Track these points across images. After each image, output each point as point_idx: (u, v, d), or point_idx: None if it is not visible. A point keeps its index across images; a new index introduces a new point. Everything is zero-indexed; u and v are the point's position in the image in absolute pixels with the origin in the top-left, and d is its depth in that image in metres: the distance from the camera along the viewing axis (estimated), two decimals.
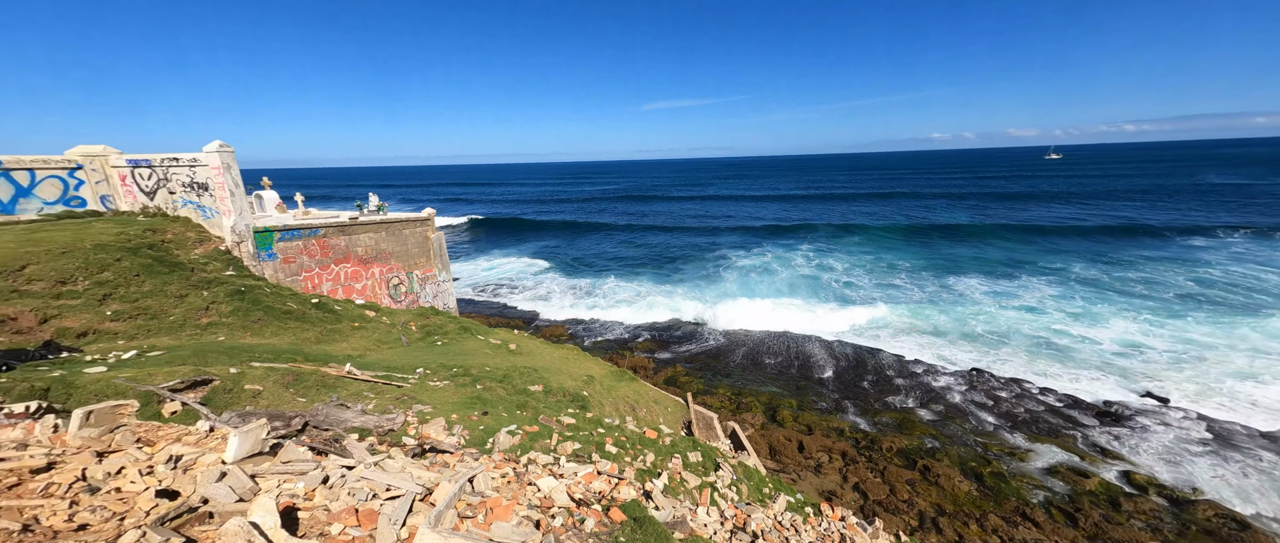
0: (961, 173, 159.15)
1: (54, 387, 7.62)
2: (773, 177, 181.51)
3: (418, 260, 21.97)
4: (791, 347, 25.99)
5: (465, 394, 11.49)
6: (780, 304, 32.22)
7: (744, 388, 21.74)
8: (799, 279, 38.83)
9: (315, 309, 15.40)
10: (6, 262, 11.31)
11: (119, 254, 13.24)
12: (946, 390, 20.91)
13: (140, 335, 11.80)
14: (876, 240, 52.47)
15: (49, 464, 3.65)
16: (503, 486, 6.35)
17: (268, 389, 9.87)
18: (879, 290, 34.95)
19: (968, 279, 36.16)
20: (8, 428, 4.68)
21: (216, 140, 16.10)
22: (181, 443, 4.34)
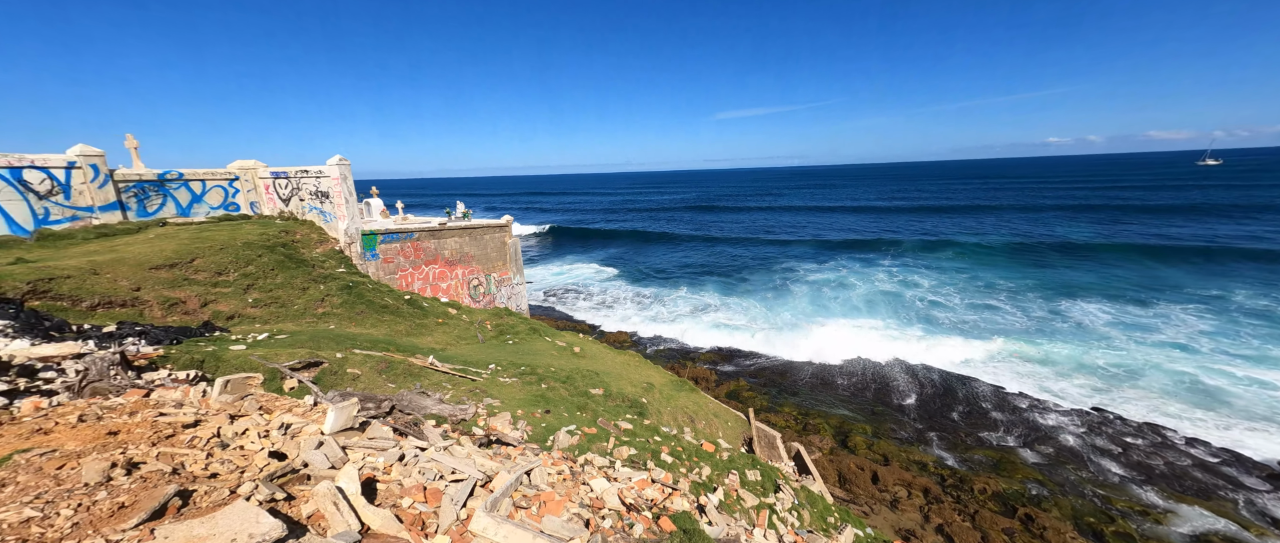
0: (1084, 182, 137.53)
1: (207, 359, 9.20)
2: (852, 186, 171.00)
3: (495, 264, 23.58)
4: (867, 368, 24.10)
5: (531, 392, 12.07)
6: (856, 322, 30.21)
7: (812, 409, 20.52)
8: (878, 296, 35.99)
9: (407, 305, 17.10)
10: (182, 255, 13.93)
11: (260, 251, 15.73)
12: (1057, 430, 18.14)
13: (272, 320, 13.88)
14: (972, 256, 47.13)
15: (196, 421, 4.44)
16: (558, 482, 6.57)
17: (365, 374, 11.10)
18: (973, 312, 31.31)
19: (1087, 305, 31.17)
20: (172, 390, 5.75)
21: (337, 155, 18.62)
22: (292, 413, 5.05)
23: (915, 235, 60.86)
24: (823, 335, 28.12)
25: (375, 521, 3.50)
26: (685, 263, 51.49)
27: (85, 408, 4.52)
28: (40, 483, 2.90)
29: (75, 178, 14.87)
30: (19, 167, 13.79)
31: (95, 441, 3.67)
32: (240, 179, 19.14)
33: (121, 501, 2.82)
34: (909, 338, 27.18)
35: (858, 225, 72.54)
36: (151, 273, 12.76)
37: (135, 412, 4.52)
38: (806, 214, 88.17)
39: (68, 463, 3.21)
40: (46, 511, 2.60)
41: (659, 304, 36.50)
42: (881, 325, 29.67)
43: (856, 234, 64.13)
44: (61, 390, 6.06)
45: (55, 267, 11.52)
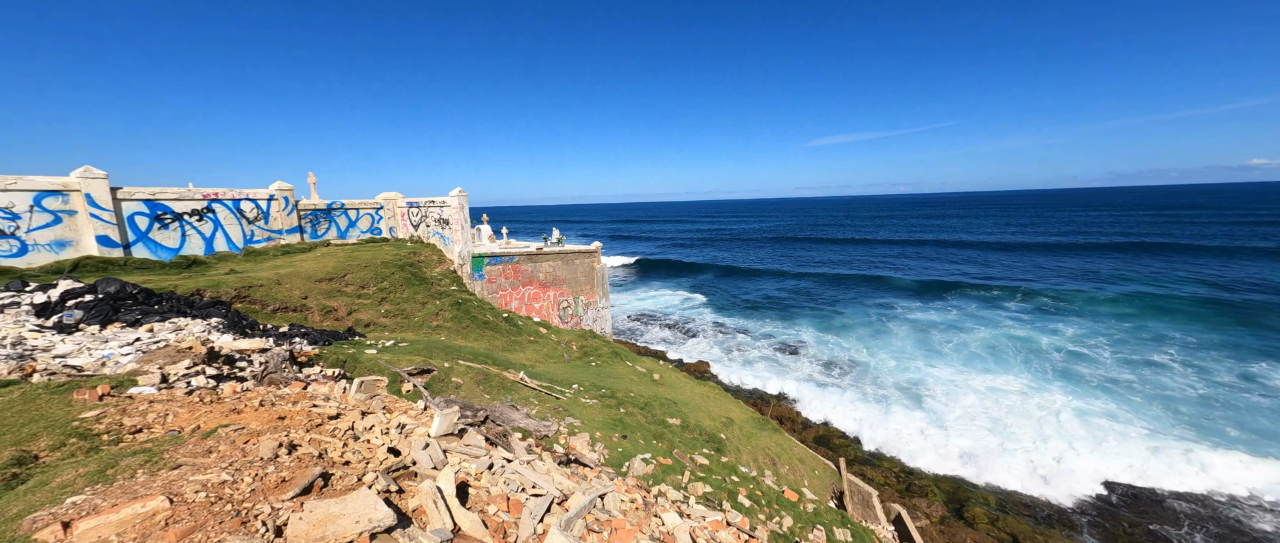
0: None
1: (348, 360, 10.92)
2: (970, 216, 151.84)
3: (584, 287, 24.86)
4: (989, 422, 20.74)
5: (609, 415, 12.37)
6: (969, 370, 26.38)
7: (917, 467, 18.13)
8: (1002, 342, 31.05)
9: (505, 322, 18.70)
10: (337, 271, 16.84)
11: (393, 269, 18.43)
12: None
13: (398, 329, 16.07)
14: (1131, 302, 38.71)
15: (337, 414, 5.33)
16: (630, 510, 6.63)
17: (465, 384, 12.28)
18: (1131, 370, 25.56)
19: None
20: (322, 385, 6.97)
21: (457, 187, 21.36)
22: (407, 415, 5.81)
23: (1054, 271, 51.89)
24: (932, 382, 24.97)
25: (465, 522, 3.88)
26: (773, 294, 49.43)
27: (264, 394, 5.69)
28: (232, 453, 3.72)
29: (273, 207, 18.88)
30: (238, 198, 17.92)
31: (269, 422, 4.61)
32: (384, 208, 22.79)
33: (283, 475, 3.51)
34: (1041, 394, 23.05)
35: (978, 259, 63.93)
36: (315, 285, 15.60)
37: (297, 401, 5.57)
38: (914, 247, 79.80)
39: (251, 439, 4.08)
40: (235, 476, 3.33)
41: (743, 335, 35.33)
42: (1004, 376, 25.55)
43: (976, 270, 56.54)
44: (249, 378, 7.65)
45: (253, 277, 14.64)
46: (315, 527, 2.97)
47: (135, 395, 5.19)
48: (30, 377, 6.04)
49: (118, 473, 3.26)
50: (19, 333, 8.05)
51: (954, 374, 26.09)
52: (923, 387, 24.69)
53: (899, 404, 22.98)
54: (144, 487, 3.12)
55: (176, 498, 2.99)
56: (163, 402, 4.97)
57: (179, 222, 16.41)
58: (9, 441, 3.80)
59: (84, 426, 4.19)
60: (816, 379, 26.57)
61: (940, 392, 23.98)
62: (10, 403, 4.48)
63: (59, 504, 2.85)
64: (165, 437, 4.11)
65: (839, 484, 13.30)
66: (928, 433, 20.29)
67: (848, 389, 25.00)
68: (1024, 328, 33.44)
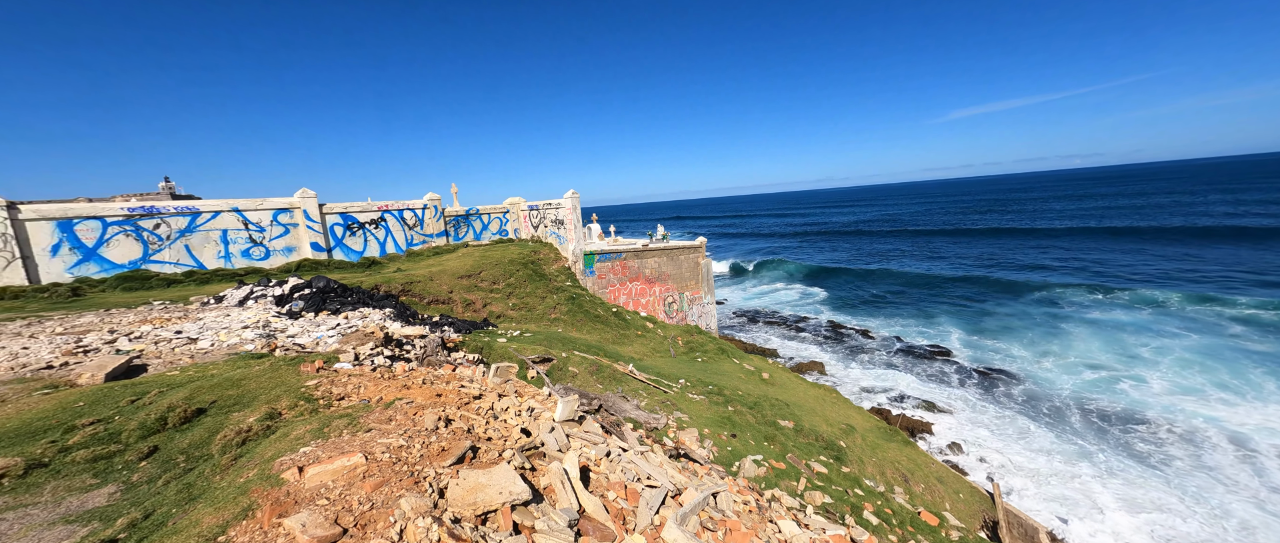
0: None
1: (484, 348, 12.41)
2: (1182, 187, 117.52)
3: (688, 283, 24.87)
4: (1219, 458, 15.85)
5: (717, 412, 12.21)
6: (1191, 388, 20.30)
7: None
8: (1221, 348, 23.41)
9: (614, 317, 19.57)
10: (474, 268, 19.25)
11: (518, 267, 20.47)
12: None
13: (523, 321, 17.82)
14: None
15: (479, 395, 6.08)
16: (744, 512, 6.45)
17: (581, 373, 13.12)
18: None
19: None
20: (467, 369, 8.02)
21: (571, 189, 22.90)
22: (535, 399, 6.41)
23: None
24: (1124, 394, 19.91)
25: (589, 505, 4.13)
26: (903, 290, 44.05)
27: (425, 374, 6.73)
28: (405, 422, 4.46)
29: (426, 215, 22.27)
30: (401, 209, 21.47)
31: (430, 398, 5.43)
32: (510, 212, 25.43)
33: (443, 445, 4.10)
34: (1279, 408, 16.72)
35: (1179, 245, 49.25)
36: (458, 281, 18.03)
37: (448, 381, 6.49)
38: (1092, 237, 64.41)
39: (418, 412, 4.85)
40: (408, 442, 3.98)
41: (864, 336, 32.11)
42: (1232, 393, 19.20)
43: (1180, 256, 43.63)
44: (413, 359, 9.12)
45: (413, 274, 17.44)
46: (468, 493, 3.41)
47: (338, 370, 6.52)
48: (274, 352, 7.97)
49: (331, 431, 4.12)
50: (266, 318, 10.67)
51: (1160, 385, 20.40)
52: (1106, 396, 19.76)
53: (1075, 419, 18.74)
54: (348, 444, 3.89)
55: (370, 456, 3.68)
56: (356, 376, 6.17)
57: (362, 229, 20.24)
58: (264, 399, 5.05)
59: (308, 391, 5.38)
60: (956, 385, 22.98)
61: (1125, 401, 18.91)
62: (263, 371, 5.95)
63: (295, 453, 3.70)
64: (359, 404, 5.09)
65: (992, 513, 11.37)
66: (1121, 452, 16.09)
67: (1002, 397, 21.14)
68: (1249, 330, 24.84)
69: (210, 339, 8.81)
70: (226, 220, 16.98)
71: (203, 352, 8.02)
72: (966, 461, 16.93)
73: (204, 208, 16.68)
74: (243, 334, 9.14)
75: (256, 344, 8.42)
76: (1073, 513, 13.70)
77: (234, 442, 4.23)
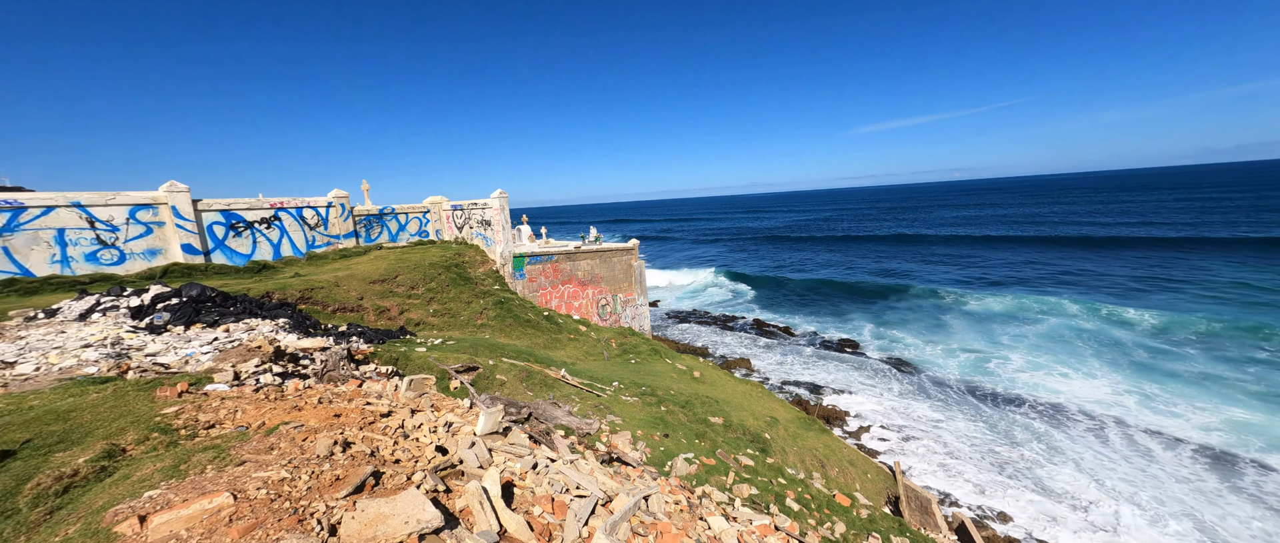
0: None
1: (400, 358, 11.39)
2: (1039, 200, 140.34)
3: (622, 285, 24.88)
4: (1066, 428, 19.00)
5: (650, 413, 12.25)
6: (1038, 365, 24.41)
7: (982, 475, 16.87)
8: (1071, 334, 28.49)
9: (546, 321, 18.99)
10: (389, 272, 17.68)
11: (440, 270, 19.13)
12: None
13: (445, 328, 16.65)
14: (1226, 296, 34.29)
15: (389, 412, 5.49)
16: (675, 512, 6.46)
17: (509, 381, 12.52)
18: (1225, 365, 22.73)
19: None
20: (376, 383, 7.25)
21: (498, 189, 21.90)
22: (454, 412, 5.93)
23: (1131, 254, 46.99)
24: (995, 377, 23.24)
25: (511, 524, 3.84)
26: (818, 289, 47.65)
27: (323, 392, 5.95)
28: (292, 450, 3.86)
29: (331, 214, 20.07)
30: (300, 207, 19.16)
31: (326, 420, 4.79)
32: (430, 212, 23.73)
33: (338, 473, 3.59)
34: (1128, 393, 21.01)
35: (1040, 245, 58.90)
36: (370, 286, 16.43)
37: (352, 399, 5.79)
38: (967, 241, 74.48)
39: (309, 437, 4.24)
40: (294, 474, 3.44)
41: (786, 333, 34.27)
42: (1080, 372, 23.40)
43: (1040, 254, 52.20)
44: (311, 375, 8.09)
45: (315, 280, 15.60)
46: (367, 527, 3.00)
47: (210, 392, 5.56)
48: (125, 375, 6.63)
49: (190, 468, 3.44)
50: (117, 333, 8.91)
51: (1019, 367, 24.17)
52: (983, 378, 23.03)
53: (962, 402, 21.54)
54: (212, 483, 3.26)
55: (240, 495, 3.11)
56: (233, 398, 5.28)
57: (250, 230, 17.75)
58: (101, 434, 4.13)
59: (165, 421, 4.50)
60: (865, 375, 25.33)
61: (999, 383, 22.23)
62: (104, 399, 4.89)
63: (138, 498, 3.03)
64: (233, 433, 4.34)
65: (894, 489, 12.56)
66: (998, 431, 18.86)
67: (902, 385, 23.66)
68: (1093, 320, 30.40)
69: (34, 362, 7.16)
70: (64, 218, 14.03)
71: (21, 378, 6.48)
72: (873, 442, 18.71)
73: (31, 202, 13.63)
74: (82, 355, 7.54)
75: (101, 366, 6.98)
76: (958, 466, 15.85)
77: (51, 490, 3.39)
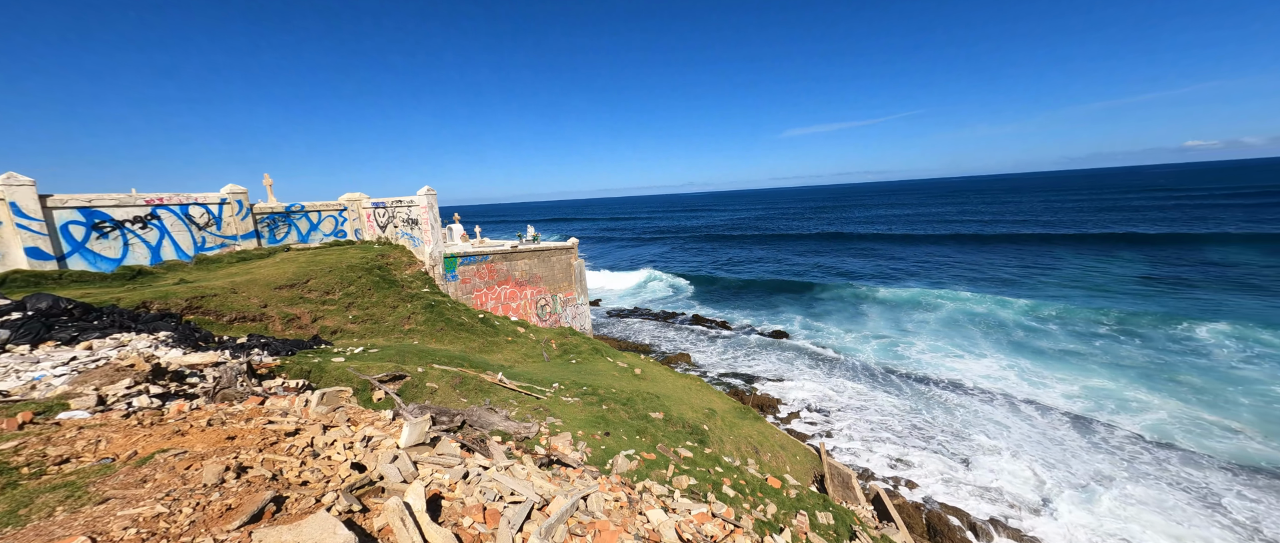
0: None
1: (313, 370, 10.38)
2: (940, 201, 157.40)
3: (561, 285, 24.49)
4: (962, 401, 21.54)
5: (591, 413, 12.19)
6: (938, 348, 27.58)
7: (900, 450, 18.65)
8: (964, 319, 32.46)
9: (481, 323, 18.22)
10: (299, 276, 16.03)
11: (360, 273, 17.68)
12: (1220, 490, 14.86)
13: (367, 336, 15.43)
14: (1078, 281, 40.83)
15: (296, 430, 4.97)
16: (614, 509, 6.47)
17: (441, 388, 11.87)
18: (1078, 341, 27.23)
19: (1205, 326, 26.64)
20: (281, 398, 6.54)
21: (425, 186, 20.62)
22: (374, 426, 5.50)
23: (1009, 248, 54.34)
24: (904, 360, 25.84)
25: (437, 538, 3.64)
26: (752, 284, 49.99)
27: (213, 413, 5.26)
28: (171, 481, 3.38)
29: (225, 212, 17.81)
30: (186, 203, 16.81)
31: (217, 444, 4.24)
32: (348, 209, 21.83)
33: (230, 502, 3.20)
34: (1003, 370, 24.45)
35: (938, 241, 66.39)
36: (276, 292, 14.80)
37: (250, 418, 5.18)
38: (880, 239, 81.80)
39: (194, 464, 3.73)
40: (173, 508, 3.01)
41: (724, 326, 35.63)
42: (970, 353, 26.72)
43: (936, 252, 58.87)
44: (200, 395, 7.13)
45: (206, 286, 13.77)
46: None
47: (63, 421, 4.71)
48: None
49: (32, 512, 2.90)
50: None
51: (921, 350, 27.16)
52: (893, 360, 25.56)
53: (876, 383, 23.68)
54: (63, 527, 2.77)
55: (101, 537, 2.67)
56: (95, 427, 4.52)
57: (120, 230, 15.28)
58: None
59: (1, 459, 3.75)
60: (792, 364, 27.03)
61: (908, 365, 24.84)
62: None
63: None
64: (94, 467, 3.72)
65: (820, 468, 13.52)
66: (905, 407, 20.99)
67: (825, 372, 25.53)
68: (983, 305, 34.82)
69: None
70: None
71: None
72: (803, 426, 20.02)
73: None
74: None
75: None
76: (876, 441, 17.48)
77: None
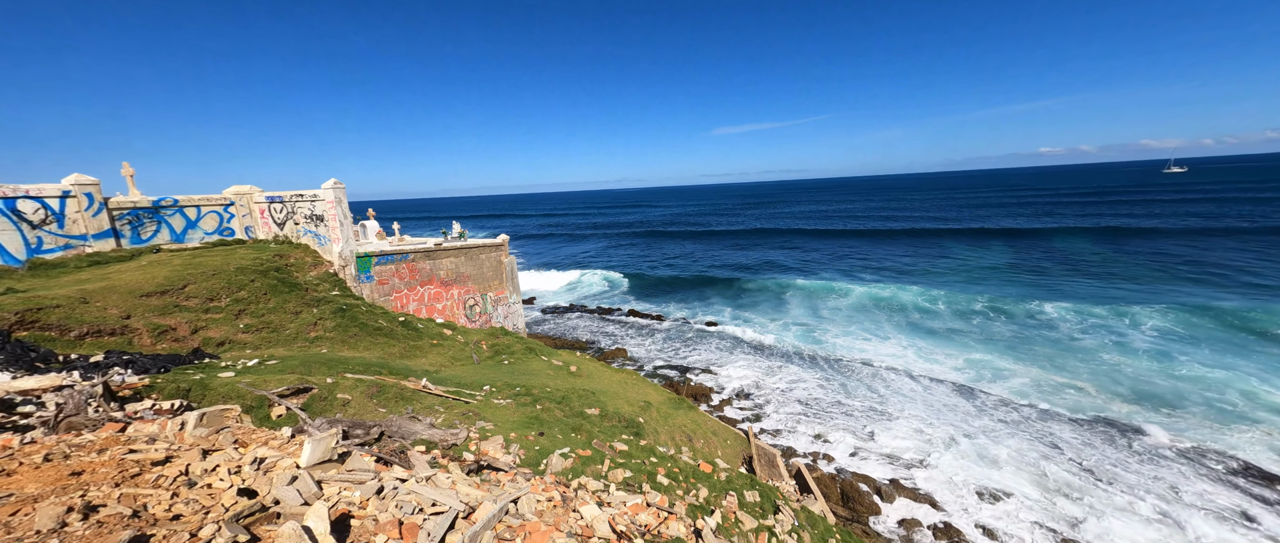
0: (1072, 191, 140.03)
1: (194, 388, 9.06)
2: (850, 199, 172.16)
3: (491, 283, 23.51)
4: (872, 378, 23.86)
5: (525, 414, 11.87)
6: (850, 332, 30.46)
7: (822, 426, 20.22)
8: (870, 305, 36.13)
9: (402, 327, 16.98)
10: (174, 281, 13.87)
11: (253, 276, 15.68)
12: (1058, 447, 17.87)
13: (263, 346, 13.74)
14: (960, 269, 47.11)
15: (167, 458, 4.31)
16: (547, 509, 6.37)
17: (355, 399, 10.92)
18: (960, 321, 31.59)
19: (1052, 305, 31.86)
20: (149, 423, 5.62)
21: (332, 179, 18.72)
22: (268, 446, 4.91)
23: (903, 242, 61.17)
24: (821, 344, 28.10)
25: None
26: (687, 278, 51.42)
27: (52, 446, 4.39)
28: None
29: (70, 207, 14.90)
30: (13, 197, 13.83)
31: (57, 482, 3.55)
32: (236, 204, 19.22)
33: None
34: (899, 348, 27.58)
35: (849, 238, 73.13)
36: (142, 301, 12.68)
37: (105, 449, 4.39)
38: (800, 234, 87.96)
39: (23, 508, 3.09)
40: None
41: (658, 319, 36.33)
42: (874, 335, 29.75)
43: (847, 247, 64.91)
44: (37, 426, 5.92)
45: (45, 296, 11.45)
46: None
47: None
48: None
49: None
50: None
51: (836, 333, 29.80)
52: (812, 345, 27.77)
53: (801, 367, 25.51)
54: None
55: None
56: None
57: None
58: None
59: None
60: (723, 353, 28.31)
61: (825, 349, 27.12)
62: None
63: None
64: None
65: (749, 450, 14.30)
66: (821, 386, 22.89)
67: (753, 359, 27.03)
68: (886, 290, 38.86)
69: None
70: None
71: None
72: (733, 412, 21.05)
73: None
74: None
75: None
76: (799, 419, 18.92)
77: None
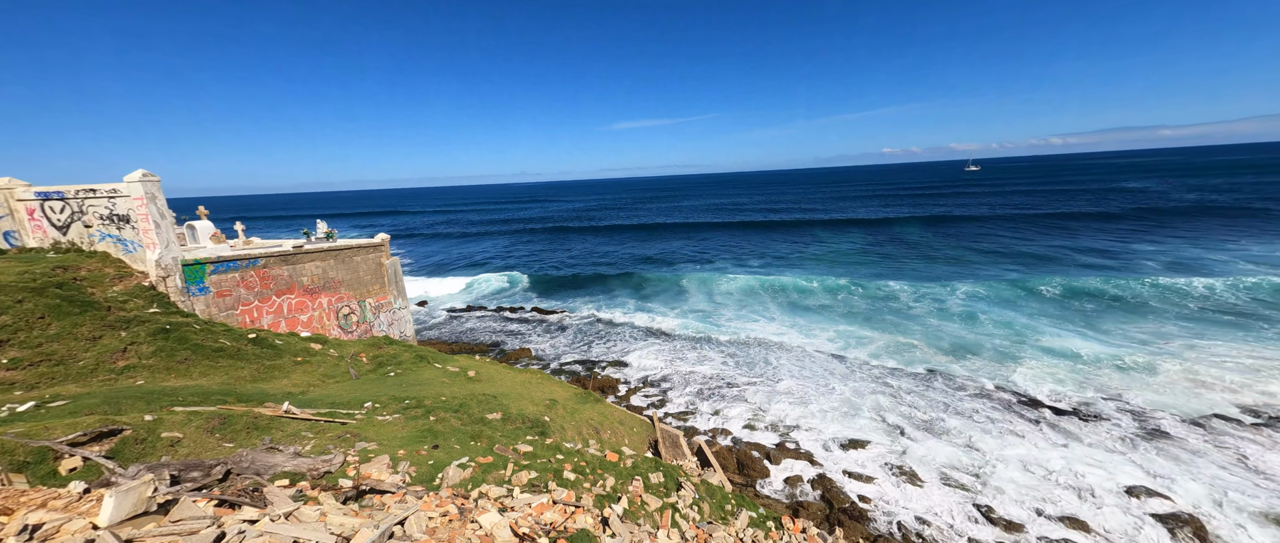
0: (899, 185, 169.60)
1: None
2: (740, 193, 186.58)
3: (371, 288, 21.01)
4: (762, 355, 26.28)
5: (416, 427, 10.88)
6: (742, 315, 33.26)
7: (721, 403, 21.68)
8: (759, 289, 39.84)
9: (252, 345, 14.37)
10: None
11: (20, 295, 12.00)
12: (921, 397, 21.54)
13: (42, 384, 10.65)
14: (827, 255, 54.36)
15: None
16: (441, 525, 5.94)
17: (189, 436, 9.03)
18: (829, 298, 36.57)
19: (895, 282, 38.58)
20: None
21: (140, 170, 15.03)
22: (46, 509, 3.80)
23: (782, 232, 68.64)
24: (721, 329, 30.23)
25: None
26: (589, 273, 51.32)
27: None
28: None
29: None
30: None
31: None
32: None
33: None
34: (787, 328, 30.99)
35: (734, 230, 79.70)
36: None
37: None
38: (696, 227, 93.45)
39: None
40: None
41: (564, 317, 35.79)
42: (763, 317, 32.89)
43: (736, 238, 70.86)
44: None
45: None
46: None
47: None
48: None
49: None
50: None
51: (730, 317, 32.36)
52: (711, 329, 29.82)
53: (701, 351, 27.12)
54: None
55: None
56: None
57: None
58: None
59: None
60: (628, 344, 28.97)
61: (723, 333, 29.34)
62: None
63: None
64: None
65: (654, 434, 14.85)
66: (725, 366, 24.67)
67: (658, 346, 28.08)
68: (768, 275, 43.21)
69: None
70: None
71: None
72: (640, 400, 21.65)
73: None
74: None
75: None
76: (701, 399, 20.14)
77: None
